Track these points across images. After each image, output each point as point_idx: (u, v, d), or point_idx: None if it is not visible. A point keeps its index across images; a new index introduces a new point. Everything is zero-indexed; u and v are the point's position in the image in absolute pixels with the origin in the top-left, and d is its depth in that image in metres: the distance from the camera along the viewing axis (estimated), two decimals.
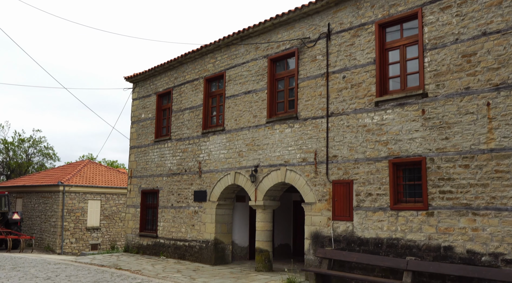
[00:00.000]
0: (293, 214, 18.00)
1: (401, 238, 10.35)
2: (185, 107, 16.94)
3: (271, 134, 13.60)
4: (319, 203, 12.09)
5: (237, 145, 14.65)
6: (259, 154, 13.88)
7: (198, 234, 15.63)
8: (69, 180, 28.68)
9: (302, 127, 12.74)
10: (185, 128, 16.80)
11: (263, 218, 13.78)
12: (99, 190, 29.74)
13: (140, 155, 19.05)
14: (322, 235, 11.89)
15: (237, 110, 14.81)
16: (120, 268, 14.09)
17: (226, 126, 15.09)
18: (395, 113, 10.77)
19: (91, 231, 29.35)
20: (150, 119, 18.72)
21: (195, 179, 16.08)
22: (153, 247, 17.57)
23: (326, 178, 11.97)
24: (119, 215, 30.84)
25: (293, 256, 17.51)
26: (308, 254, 12.16)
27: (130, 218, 19.14)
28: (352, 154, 11.50)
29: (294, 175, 12.80)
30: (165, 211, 17.21)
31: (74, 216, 28.52)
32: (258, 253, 13.68)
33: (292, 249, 17.92)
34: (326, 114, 12.16)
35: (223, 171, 15.02)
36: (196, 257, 15.54)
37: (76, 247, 28.36)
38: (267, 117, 13.76)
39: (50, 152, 49.56)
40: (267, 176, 13.56)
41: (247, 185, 14.15)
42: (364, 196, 11.14)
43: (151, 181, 18.21)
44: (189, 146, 16.53)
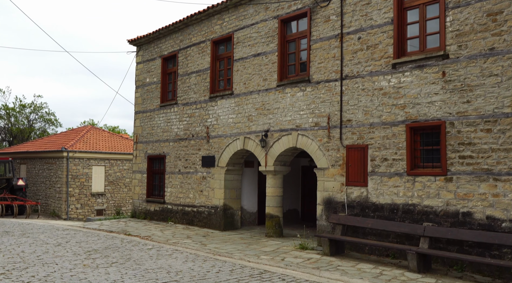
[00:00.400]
0: (301, 180, 17.81)
1: (418, 204, 10.13)
2: (191, 71, 16.48)
3: (282, 98, 13.22)
4: (332, 169, 11.83)
5: (246, 110, 14.29)
6: (269, 118, 13.53)
7: (206, 200, 15.47)
8: (73, 146, 28.45)
9: (315, 91, 12.34)
10: (191, 92, 16.40)
11: (274, 184, 13.57)
12: (103, 155, 29.55)
13: (145, 120, 18.71)
14: (335, 201, 11.69)
15: (246, 74, 14.37)
16: (130, 234, 13.99)
17: (235, 90, 14.69)
18: (414, 75, 10.36)
19: (96, 197, 29.33)
20: (155, 83, 18.28)
21: (203, 144, 15.80)
22: (160, 213, 17.47)
23: (340, 143, 11.67)
24: (124, 180, 30.77)
25: (301, 221, 17.44)
26: (321, 220, 12.00)
27: (136, 184, 18.98)
28: (367, 118, 11.16)
29: (306, 140, 12.49)
30: (172, 177, 17.02)
31: (78, 182, 28.43)
32: (269, 219, 13.54)
33: (300, 215, 17.81)
34: (340, 77, 11.74)
35: (231, 136, 14.72)
36: (205, 223, 15.44)
37: (81, 213, 28.40)
38: (277, 80, 13.34)
39: (52, 118, 49.23)
40: (277, 141, 13.27)
41: (257, 150, 13.87)
42: (380, 161, 10.86)
43: (157, 147, 17.94)
44: (196, 110, 16.17)
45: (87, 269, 8.69)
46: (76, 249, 11.01)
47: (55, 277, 7.95)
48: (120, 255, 10.34)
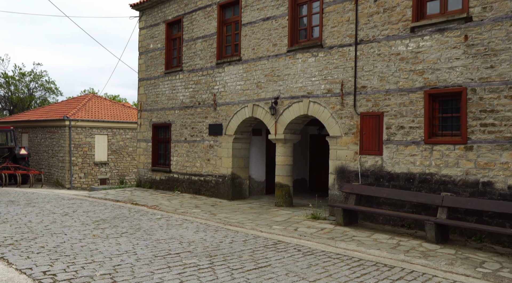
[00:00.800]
0: (309, 148, 17.49)
1: (435, 173, 9.83)
2: (197, 36, 15.92)
3: (293, 63, 12.75)
4: (345, 137, 11.49)
5: (255, 76, 13.83)
6: (279, 85, 13.10)
7: (214, 169, 15.19)
8: (75, 114, 28.04)
9: (327, 56, 11.87)
10: (197, 59, 15.89)
11: (284, 152, 13.25)
12: (105, 124, 29.15)
13: (149, 88, 18.25)
14: (348, 170, 11.39)
15: (254, 39, 13.85)
16: (136, 203, 13.77)
17: (243, 55, 14.19)
18: (434, 39, 9.88)
19: (99, 166, 29.10)
20: (159, 49, 17.73)
21: (209, 112, 15.40)
22: (166, 182, 17.24)
23: (354, 110, 11.28)
24: (127, 150, 30.49)
25: (309, 191, 17.23)
26: (333, 189, 11.73)
27: (141, 152, 18.68)
28: (383, 85, 10.74)
29: (318, 107, 12.10)
30: (178, 146, 16.69)
31: (81, 151, 28.15)
32: (278, 188, 13.28)
33: (309, 184, 17.58)
34: (355, 42, 11.25)
35: (240, 103, 14.31)
36: (212, 192, 15.20)
37: (85, 182, 28.24)
38: (288, 45, 12.84)
39: (52, 86, 48.57)
40: (288, 108, 12.87)
41: (266, 118, 13.50)
42: (396, 129, 10.50)
43: (162, 115, 17.55)
44: (202, 77, 15.70)
45: (97, 240, 8.45)
46: (84, 219, 10.78)
47: (64, 247, 7.71)
48: (129, 225, 10.11)
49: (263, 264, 7.21)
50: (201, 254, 7.68)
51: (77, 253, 7.37)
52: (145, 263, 6.92)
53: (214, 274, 6.55)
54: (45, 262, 6.71)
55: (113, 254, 7.42)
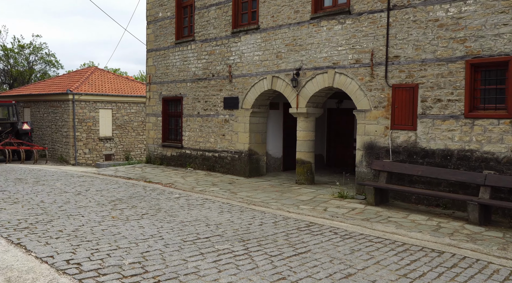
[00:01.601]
0: (327, 123, 16.77)
1: (476, 150, 9.14)
2: (210, 3, 15.00)
3: (317, 32, 11.91)
4: (374, 111, 10.75)
5: (274, 46, 13.00)
6: (302, 55, 12.29)
7: (229, 145, 14.50)
8: (78, 88, 27.17)
9: (356, 23, 11.03)
10: (211, 28, 15.00)
11: (305, 127, 12.54)
12: (110, 98, 28.31)
13: (159, 59, 17.40)
14: (378, 146, 10.70)
15: (274, 5, 12.96)
16: (150, 181, 13.14)
17: (261, 24, 13.33)
18: (478, 3, 9.05)
19: (104, 141, 28.41)
20: (169, 18, 16.81)
21: (224, 84, 14.62)
22: (178, 158, 16.57)
23: (385, 82, 10.52)
24: (131, 124, 29.74)
25: (327, 167, 16.59)
26: (360, 166, 11.07)
27: (151, 127, 17.96)
28: (418, 54, 9.94)
29: (344, 78, 11.33)
30: (191, 120, 15.96)
31: (85, 125, 27.40)
32: (300, 165, 12.62)
33: (326, 160, 16.93)
34: (387, 7, 10.40)
35: (257, 75, 13.51)
36: (228, 169, 14.55)
37: (89, 158, 27.60)
38: (311, 12, 11.98)
39: (52, 59, 47.40)
40: (311, 80, 12.10)
41: (287, 90, 12.73)
42: (432, 103, 9.76)
43: (173, 88, 16.75)
44: (216, 47, 14.86)
45: (118, 222, 7.82)
46: (98, 199, 10.14)
47: (85, 231, 7.08)
48: (148, 205, 9.48)
49: (302, 249, 6.60)
50: (232, 238, 7.06)
51: (99, 238, 6.74)
52: (175, 249, 6.30)
53: (253, 261, 5.93)
54: (67, 249, 6.08)
55: (138, 239, 6.79)
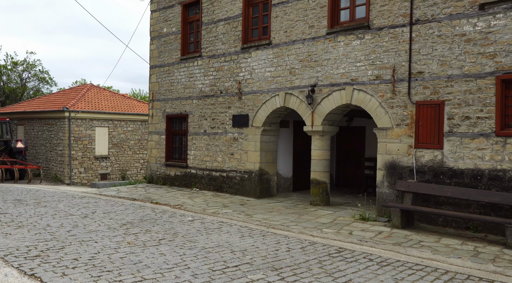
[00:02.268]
0: (336, 141, 16.32)
1: (510, 170, 8.72)
2: (218, 19, 14.61)
3: (333, 47, 11.53)
4: (397, 128, 10.32)
5: (287, 62, 12.60)
6: (317, 71, 11.88)
7: (238, 164, 13.96)
8: (74, 105, 26.55)
9: (376, 39, 10.67)
10: (219, 43, 14.59)
11: (321, 146, 12.07)
12: (106, 116, 27.71)
13: (163, 76, 16.92)
14: (401, 165, 10.24)
15: (287, 20, 12.59)
16: (157, 202, 12.52)
17: (273, 39, 12.94)
18: (508, 17, 8.72)
19: (99, 160, 27.69)
20: (174, 33, 16.39)
21: (233, 101, 14.14)
22: (182, 178, 15.98)
23: (408, 99, 10.11)
24: (128, 143, 29.08)
25: (336, 187, 16.08)
26: (381, 186, 10.58)
27: (153, 146, 17.38)
28: (444, 70, 9.57)
29: (363, 95, 10.91)
30: (197, 138, 15.42)
31: (81, 144, 26.70)
32: (315, 185, 12.11)
33: (335, 180, 16.43)
34: (410, 22, 10.06)
35: (269, 92, 13.07)
36: (237, 189, 13.98)
37: (85, 177, 26.83)
38: (328, 27, 11.62)
39: (46, 76, 46.67)
40: (327, 97, 11.67)
41: (301, 107, 12.29)
42: (459, 120, 9.35)
43: (177, 105, 16.24)
44: (225, 63, 14.42)
45: (135, 249, 7.22)
46: (108, 222, 9.51)
47: (102, 260, 6.47)
48: (163, 229, 8.88)
49: (342, 279, 6.06)
50: (263, 266, 6.49)
51: (119, 267, 6.14)
52: (205, 281, 5.71)
53: None
54: (87, 281, 5.47)
55: (162, 268, 6.20)
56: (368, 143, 15.13)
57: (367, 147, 15.18)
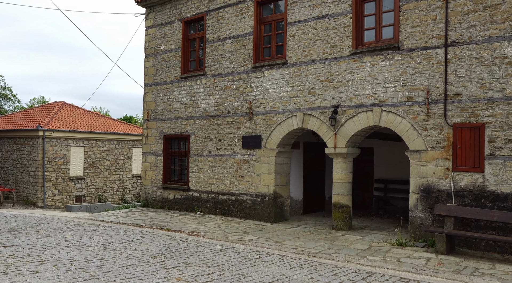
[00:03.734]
0: None
1: None
2: (225, 36, 14.10)
3: (358, 68, 11.26)
4: (431, 151, 10.08)
5: (306, 82, 12.22)
6: (340, 92, 11.56)
7: (249, 187, 13.35)
8: (48, 124, 25.09)
9: (407, 60, 10.47)
10: (226, 62, 14.06)
11: (344, 168, 11.68)
12: (82, 135, 26.36)
13: (160, 94, 16.15)
14: (437, 189, 9.98)
15: (305, 39, 12.25)
16: (168, 229, 11.70)
17: (289, 58, 12.55)
18: None
19: (74, 182, 26.20)
20: (173, 51, 15.72)
21: (243, 122, 13.58)
22: (183, 202, 15.15)
23: (444, 121, 9.91)
24: (104, 163, 27.74)
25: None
26: (415, 210, 10.27)
27: (148, 167, 16.47)
28: (483, 92, 9.45)
29: (393, 117, 10.65)
30: (200, 160, 14.70)
31: (55, 164, 25.19)
32: (338, 209, 11.67)
33: None
34: (445, 44, 9.93)
35: (285, 112, 12.62)
36: (247, 214, 13.34)
37: (59, 200, 25.26)
38: (352, 47, 11.36)
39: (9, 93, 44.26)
40: (351, 118, 11.34)
41: (322, 129, 11.90)
42: (502, 143, 9.21)
43: (177, 125, 15.49)
44: (233, 82, 13.88)
45: None
46: (135, 254, 8.67)
47: None
48: (201, 261, 8.15)
49: None
50: None
51: None
52: None
53: None
54: None
55: None
56: (377, 164, 14.91)
57: (375, 169, 14.95)
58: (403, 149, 14.03)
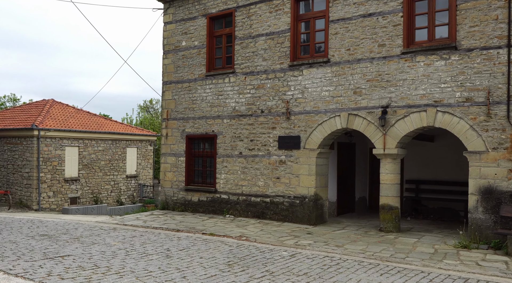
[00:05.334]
0: (369, 164, 15.85)
1: None
2: (258, 33, 13.66)
3: (410, 67, 11.06)
4: (493, 152, 9.98)
5: (351, 81, 11.94)
6: (390, 92, 11.34)
7: (286, 189, 12.97)
8: (42, 122, 23.93)
9: (465, 60, 10.34)
10: (259, 59, 13.63)
11: (393, 170, 11.48)
12: (77, 135, 25.29)
13: (181, 93, 15.55)
14: (499, 190, 9.88)
15: (350, 37, 11.97)
16: (213, 234, 11.21)
17: (332, 57, 12.24)
18: None
19: (69, 183, 25.10)
20: (196, 47, 15.15)
21: (279, 121, 13.19)
22: (209, 204, 14.63)
23: (507, 122, 9.83)
24: (98, 163, 26.73)
25: (369, 211, 15.56)
26: (475, 212, 10.15)
27: (168, 169, 15.84)
28: None
29: (449, 118, 10.50)
30: (229, 161, 14.22)
31: (50, 165, 24.05)
32: (387, 211, 11.46)
33: (368, 203, 15.90)
34: (507, 44, 9.84)
35: (327, 112, 12.31)
36: (285, 216, 12.97)
37: (54, 202, 24.15)
38: (403, 46, 11.15)
39: None
40: (403, 119, 11.14)
41: (369, 129, 11.65)
42: None
43: (202, 124, 14.95)
44: (267, 81, 13.47)
45: None
46: (205, 262, 8.18)
47: None
48: (284, 269, 7.75)
49: None
50: None
51: None
52: None
53: None
54: None
55: None
56: (407, 165, 14.79)
57: (406, 169, 14.83)
58: (436, 149, 13.96)
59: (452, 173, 13.90)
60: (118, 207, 25.33)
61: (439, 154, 14.13)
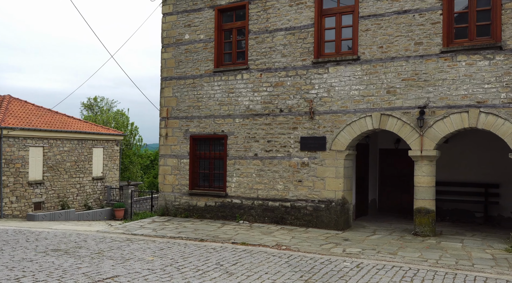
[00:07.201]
0: (379, 165, 15.48)
1: None
2: (276, 28, 12.89)
3: (451, 67, 10.74)
4: None
5: (384, 80, 11.46)
6: (428, 92, 10.96)
7: (310, 192, 12.29)
8: (4, 121, 21.71)
9: (510, 60, 10.13)
10: (277, 55, 12.85)
11: (429, 172, 11.11)
12: (42, 134, 23.20)
13: (184, 90, 14.44)
14: None
15: (382, 35, 11.49)
16: (245, 243, 10.31)
17: (362, 54, 11.71)
18: None
19: (33, 186, 22.97)
20: (202, 41, 14.12)
21: (301, 121, 12.49)
22: (218, 209, 13.66)
23: None
24: (64, 165, 24.73)
25: (379, 213, 15.22)
26: None
27: (168, 171, 14.68)
28: None
29: (493, 119, 10.26)
30: (242, 163, 13.33)
31: (13, 168, 21.87)
32: (424, 215, 11.08)
33: (378, 205, 15.53)
34: None
35: (356, 112, 11.76)
36: (308, 221, 12.29)
37: (17, 208, 21.97)
38: (443, 45, 10.81)
39: None
40: (442, 119, 10.80)
41: (404, 130, 11.23)
42: None
43: (209, 124, 13.94)
44: (287, 78, 12.72)
45: None
46: (277, 280, 7.34)
47: None
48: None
49: None
50: None
51: None
52: None
53: None
54: None
55: None
56: None
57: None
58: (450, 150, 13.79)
59: (467, 174, 13.81)
60: (86, 212, 23.56)
61: (454, 155, 14.00)
